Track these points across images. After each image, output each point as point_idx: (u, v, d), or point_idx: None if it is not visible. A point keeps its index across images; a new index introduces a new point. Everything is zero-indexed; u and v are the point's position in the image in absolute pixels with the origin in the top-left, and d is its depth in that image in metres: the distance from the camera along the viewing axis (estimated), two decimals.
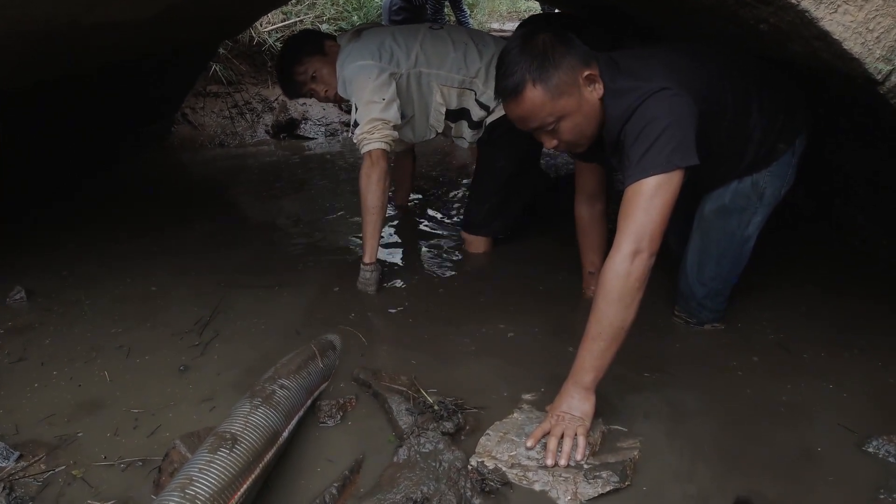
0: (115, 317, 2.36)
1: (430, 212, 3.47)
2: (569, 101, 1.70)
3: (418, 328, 2.26)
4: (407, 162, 3.37)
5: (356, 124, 2.41)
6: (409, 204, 3.54)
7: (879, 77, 1.55)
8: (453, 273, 2.71)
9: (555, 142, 1.79)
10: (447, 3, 6.52)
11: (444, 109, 2.61)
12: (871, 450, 1.63)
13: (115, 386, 1.96)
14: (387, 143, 2.38)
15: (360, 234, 2.51)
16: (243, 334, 2.23)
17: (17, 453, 1.65)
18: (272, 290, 2.54)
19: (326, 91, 2.65)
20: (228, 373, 2.01)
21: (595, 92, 1.73)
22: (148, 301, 2.48)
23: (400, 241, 3.10)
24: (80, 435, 1.74)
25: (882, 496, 1.49)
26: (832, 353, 2.08)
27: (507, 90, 1.70)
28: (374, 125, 2.36)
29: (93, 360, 2.08)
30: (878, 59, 1.53)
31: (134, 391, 1.93)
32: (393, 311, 2.39)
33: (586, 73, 1.70)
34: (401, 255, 2.92)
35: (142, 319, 2.34)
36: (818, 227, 2.95)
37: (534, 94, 1.67)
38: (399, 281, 2.62)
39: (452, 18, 6.38)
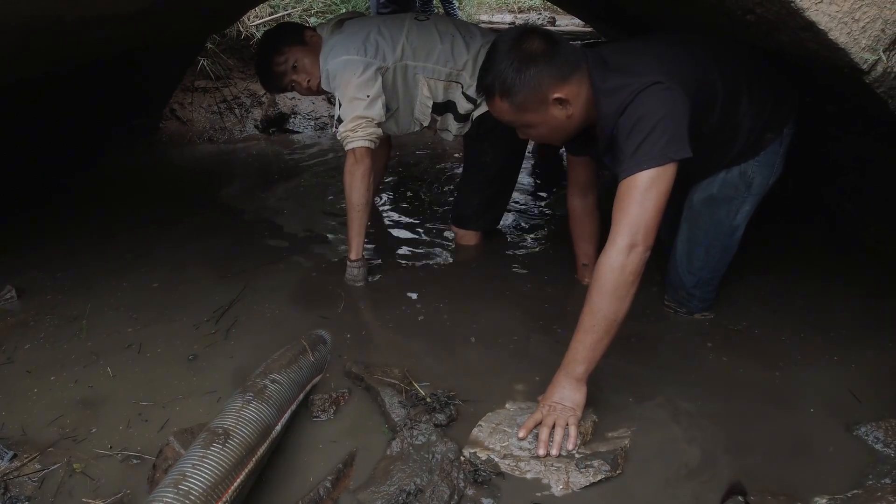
0: (120, 314, 2.36)
1: (420, 205, 3.47)
2: (533, 115, 1.75)
3: (409, 322, 2.27)
4: (381, 152, 3.16)
5: (340, 120, 2.40)
6: (393, 195, 3.51)
7: (865, 67, 1.56)
8: (443, 267, 2.72)
9: (525, 136, 1.90)
10: None
11: (431, 103, 2.59)
12: (859, 435, 1.66)
13: (121, 382, 1.97)
14: (371, 140, 2.38)
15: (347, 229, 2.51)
16: (246, 328, 2.24)
17: (11, 453, 1.65)
18: (265, 285, 2.54)
19: (309, 81, 2.57)
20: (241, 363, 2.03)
21: (565, 111, 1.75)
22: (151, 297, 2.48)
23: (389, 235, 3.10)
24: (93, 431, 1.75)
25: (870, 481, 1.51)
26: (823, 341, 2.10)
27: (480, 87, 1.80)
28: (357, 123, 2.35)
29: (95, 359, 2.08)
30: (863, 48, 1.54)
31: (143, 387, 1.94)
32: (383, 305, 2.39)
33: (556, 95, 1.71)
34: (390, 250, 2.92)
35: (148, 315, 2.34)
36: (806, 216, 2.97)
37: (500, 105, 1.76)
38: (388, 275, 2.62)
39: (440, 10, 6.35)
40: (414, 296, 2.45)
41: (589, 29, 6.88)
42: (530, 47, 1.69)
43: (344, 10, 5.94)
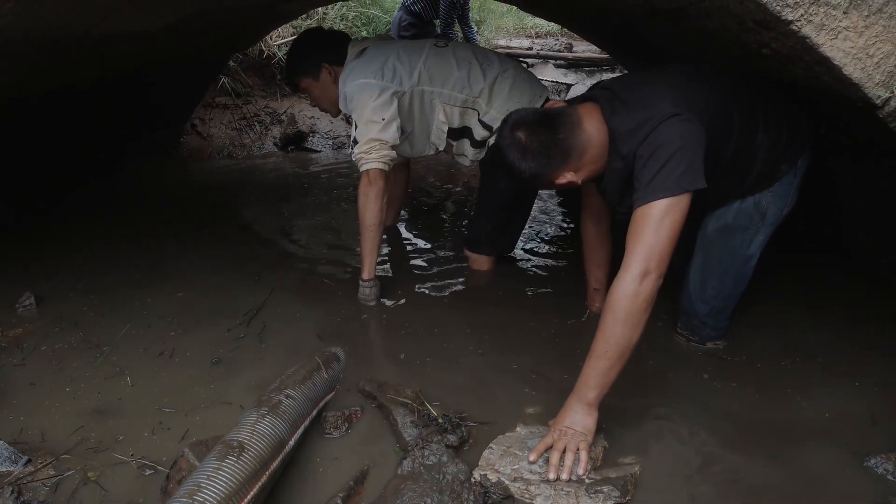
0: (144, 321, 2.41)
1: (434, 228, 3.50)
2: (548, 187, 1.98)
3: (421, 342, 2.28)
4: (400, 177, 3.30)
5: (356, 142, 2.46)
6: (408, 217, 3.56)
7: (879, 102, 1.58)
8: (456, 289, 2.74)
9: None
10: (456, 20, 6.58)
11: (447, 128, 2.63)
12: (870, 467, 1.65)
13: (147, 390, 2.00)
14: (384, 162, 2.43)
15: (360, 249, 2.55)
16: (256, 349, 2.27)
17: (25, 458, 1.68)
18: (280, 302, 2.57)
19: (314, 106, 2.83)
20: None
21: (572, 182, 1.85)
22: (176, 305, 2.53)
23: (403, 256, 3.13)
24: (120, 439, 1.78)
25: None
26: (834, 372, 2.09)
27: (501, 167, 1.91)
28: (372, 145, 2.41)
29: (119, 370, 2.11)
30: (877, 84, 1.56)
31: (172, 393, 1.99)
32: (395, 324, 2.42)
33: (559, 181, 1.84)
34: (403, 271, 2.95)
35: (173, 322, 2.40)
36: (820, 246, 2.97)
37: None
38: (401, 296, 2.64)
39: (461, 35, 6.43)
40: (426, 317, 2.47)
41: (605, 56, 6.94)
42: (524, 143, 1.79)
43: (364, 31, 6.04)
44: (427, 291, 2.71)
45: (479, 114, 2.57)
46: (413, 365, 2.14)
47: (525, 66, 7.10)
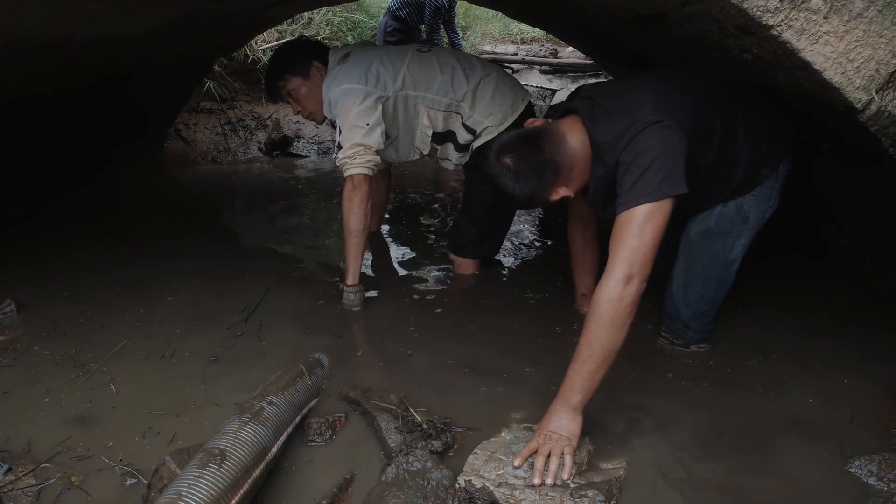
0: (131, 325, 2.40)
1: (418, 232, 3.50)
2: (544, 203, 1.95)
3: (406, 348, 2.27)
4: (382, 183, 3.28)
5: (340, 147, 2.45)
6: (392, 222, 3.54)
7: (859, 106, 1.60)
8: (440, 294, 2.73)
9: None
10: (441, 25, 6.59)
11: (431, 132, 2.63)
12: (853, 470, 1.66)
13: (130, 396, 1.98)
14: (369, 167, 2.43)
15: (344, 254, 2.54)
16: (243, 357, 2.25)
17: (5, 466, 1.65)
18: (262, 306, 2.56)
19: (299, 110, 2.71)
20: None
21: (565, 195, 1.86)
22: (160, 311, 2.52)
23: (387, 261, 3.12)
24: (109, 445, 1.77)
25: None
26: (817, 375, 2.11)
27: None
28: (356, 150, 2.40)
29: (108, 378, 2.08)
30: (857, 88, 1.57)
31: (157, 399, 1.97)
32: (380, 330, 2.41)
33: (553, 198, 1.85)
34: (387, 276, 2.94)
35: (155, 329, 2.38)
36: (804, 250, 2.99)
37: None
38: (386, 301, 2.63)
39: (446, 41, 6.44)
40: (411, 322, 2.46)
41: (590, 61, 6.98)
42: (513, 168, 1.78)
43: (350, 36, 6.04)
44: (411, 296, 2.70)
45: (462, 117, 2.58)
46: (398, 370, 2.13)
47: (511, 71, 7.14)
